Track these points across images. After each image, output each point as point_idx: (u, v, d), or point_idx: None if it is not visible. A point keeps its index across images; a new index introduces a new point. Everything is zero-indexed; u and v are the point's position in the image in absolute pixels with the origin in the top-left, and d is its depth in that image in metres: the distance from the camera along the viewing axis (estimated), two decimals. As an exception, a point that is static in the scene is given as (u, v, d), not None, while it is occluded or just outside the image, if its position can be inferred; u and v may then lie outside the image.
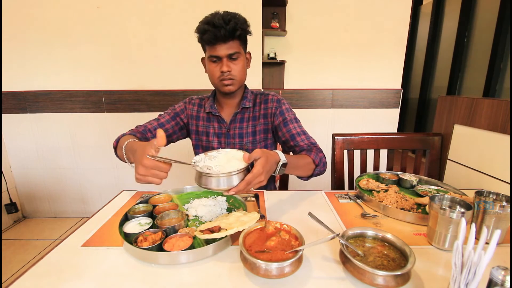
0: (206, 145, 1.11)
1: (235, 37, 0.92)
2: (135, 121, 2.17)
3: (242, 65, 0.98)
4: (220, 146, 1.09)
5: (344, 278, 0.55)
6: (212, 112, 1.07)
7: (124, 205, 0.90)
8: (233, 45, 0.93)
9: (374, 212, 0.84)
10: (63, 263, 0.61)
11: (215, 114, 1.07)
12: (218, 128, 1.09)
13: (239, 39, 0.94)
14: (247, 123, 1.08)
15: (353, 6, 2.23)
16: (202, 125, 1.11)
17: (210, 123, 1.10)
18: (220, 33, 0.88)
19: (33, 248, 1.92)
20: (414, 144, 1.28)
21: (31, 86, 2.07)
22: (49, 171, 2.24)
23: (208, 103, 1.09)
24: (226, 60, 0.94)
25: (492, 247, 0.38)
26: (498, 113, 1.03)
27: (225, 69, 0.94)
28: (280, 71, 2.47)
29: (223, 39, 0.90)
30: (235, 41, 0.93)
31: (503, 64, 2.75)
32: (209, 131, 1.10)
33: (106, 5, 1.96)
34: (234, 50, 0.93)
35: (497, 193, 0.73)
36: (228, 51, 0.93)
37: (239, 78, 0.99)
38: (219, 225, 0.65)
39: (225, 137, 1.09)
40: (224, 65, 0.94)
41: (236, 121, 1.08)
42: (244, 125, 1.08)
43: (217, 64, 0.96)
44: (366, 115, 2.36)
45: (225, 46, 0.92)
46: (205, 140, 1.11)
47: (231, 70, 0.96)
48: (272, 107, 1.07)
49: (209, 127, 1.10)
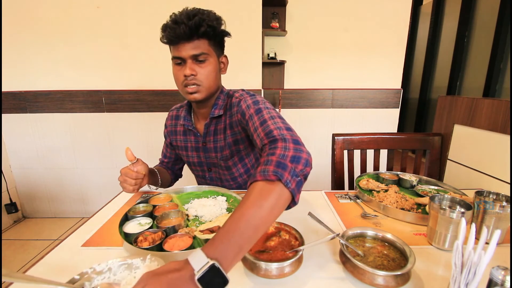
0: (187, 160, 1.04)
1: (201, 35, 0.79)
2: (135, 121, 2.19)
3: (210, 69, 0.83)
4: (200, 161, 1.01)
5: (344, 278, 0.55)
6: (185, 125, 0.97)
7: (124, 205, 0.90)
8: (199, 45, 0.79)
9: (374, 212, 0.84)
10: (63, 263, 0.61)
11: (188, 128, 0.97)
12: (195, 142, 0.99)
13: (208, 38, 0.81)
14: (221, 135, 0.94)
15: (353, 6, 2.23)
16: (179, 140, 1.02)
17: (187, 137, 1.01)
18: (180, 30, 0.76)
19: (33, 248, 1.92)
20: (414, 144, 1.28)
21: (31, 86, 2.07)
22: (49, 171, 2.24)
23: (183, 114, 0.98)
24: (191, 62, 0.81)
25: (492, 247, 0.38)
26: (498, 113, 1.03)
27: (187, 72, 0.80)
28: (280, 71, 2.47)
29: (185, 37, 0.77)
30: (202, 40, 0.80)
31: (503, 64, 2.75)
32: (187, 145, 1.01)
33: (106, 5, 1.96)
34: (200, 50, 0.80)
35: (497, 193, 0.73)
36: (192, 51, 0.79)
37: (207, 85, 0.84)
38: (219, 225, 0.65)
39: (202, 151, 0.99)
40: (187, 67, 0.80)
41: (210, 133, 0.95)
42: (218, 137, 0.94)
43: (181, 67, 0.82)
44: (366, 115, 2.36)
45: (189, 45, 0.79)
46: (185, 155, 1.04)
47: (196, 74, 0.81)
48: (236, 114, 0.88)
49: (186, 141, 1.01)
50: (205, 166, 1.03)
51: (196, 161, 1.02)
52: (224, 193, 0.90)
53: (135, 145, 2.22)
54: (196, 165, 1.04)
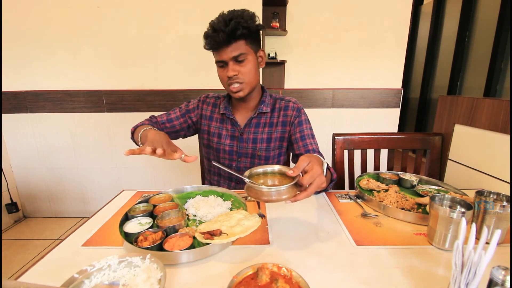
0: (217, 146, 1.08)
1: (238, 38, 0.87)
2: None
3: (250, 66, 0.92)
4: (232, 149, 1.07)
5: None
6: (226, 114, 1.04)
7: (124, 204, 0.90)
8: (237, 47, 0.88)
9: (374, 212, 0.84)
10: (64, 262, 0.61)
11: (228, 117, 1.04)
12: (232, 131, 1.06)
13: (244, 38, 0.89)
14: (263, 128, 1.04)
15: (354, 6, 2.23)
16: (214, 126, 1.08)
17: (223, 125, 1.07)
18: (219, 37, 0.84)
19: (33, 247, 1.93)
20: (415, 144, 1.28)
21: (31, 86, 2.08)
22: (50, 171, 2.25)
23: (223, 104, 1.06)
24: (232, 64, 0.90)
25: (493, 247, 0.38)
26: (499, 113, 1.03)
27: (230, 73, 0.90)
28: (281, 71, 2.47)
29: (225, 42, 0.86)
30: (239, 42, 0.88)
31: (503, 64, 2.75)
32: (221, 132, 1.07)
33: (106, 5, 1.96)
34: (238, 51, 0.88)
35: (497, 193, 0.73)
36: (232, 53, 0.88)
37: (248, 81, 0.94)
38: (220, 229, 0.64)
39: (238, 141, 1.06)
40: (229, 69, 0.90)
41: (251, 125, 1.04)
42: (260, 130, 1.04)
43: (224, 69, 0.92)
44: (366, 115, 2.36)
45: (228, 49, 0.87)
46: (216, 141, 1.08)
47: (238, 73, 0.91)
48: (292, 116, 1.03)
49: (222, 128, 1.07)
50: (235, 155, 1.07)
51: (228, 149, 1.07)
52: (224, 193, 0.90)
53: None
54: (226, 153, 1.08)
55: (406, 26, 2.27)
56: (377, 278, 0.56)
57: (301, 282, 0.48)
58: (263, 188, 0.60)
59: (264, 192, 0.60)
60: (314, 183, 0.61)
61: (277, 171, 0.69)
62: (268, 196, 0.60)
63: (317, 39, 2.32)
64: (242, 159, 1.08)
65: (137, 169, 2.28)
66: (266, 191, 0.60)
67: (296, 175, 0.62)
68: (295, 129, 1.03)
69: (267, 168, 0.70)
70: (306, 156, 0.65)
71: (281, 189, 0.60)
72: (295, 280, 0.49)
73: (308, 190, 0.61)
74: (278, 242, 0.68)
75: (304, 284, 0.47)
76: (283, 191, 0.60)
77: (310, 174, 0.61)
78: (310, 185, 0.61)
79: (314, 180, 0.61)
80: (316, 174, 0.61)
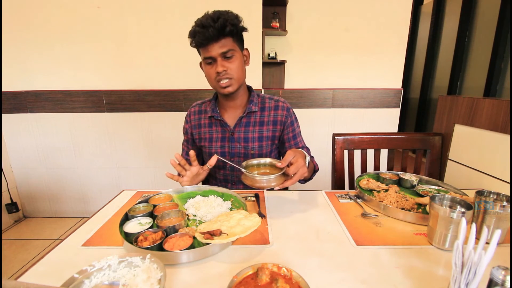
0: (209, 150, 1.08)
1: (226, 34, 0.89)
2: (135, 121, 2.19)
3: (238, 63, 0.94)
4: (223, 151, 1.07)
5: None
6: (214, 116, 1.05)
7: (124, 204, 0.90)
8: (225, 43, 0.90)
9: (374, 212, 0.84)
10: (64, 262, 0.61)
11: (217, 119, 1.05)
12: (222, 132, 1.07)
13: (232, 36, 0.91)
14: (253, 127, 1.05)
15: (354, 6, 2.23)
16: (204, 132, 1.09)
17: (212, 128, 1.08)
18: (209, 32, 0.86)
19: (33, 247, 1.93)
20: (415, 144, 1.28)
21: (31, 86, 2.07)
22: (50, 171, 2.25)
23: (210, 107, 1.06)
24: (221, 60, 0.91)
25: (493, 247, 0.38)
26: (499, 113, 1.03)
27: (220, 69, 0.91)
28: (281, 71, 2.47)
29: (214, 38, 0.88)
30: (227, 39, 0.90)
31: (503, 64, 2.75)
32: (212, 136, 1.08)
33: (106, 5, 1.96)
34: (227, 48, 0.90)
35: (497, 193, 0.73)
36: (221, 49, 0.90)
37: (237, 77, 0.96)
38: (220, 229, 0.64)
39: (229, 141, 1.06)
40: (218, 65, 0.91)
41: (241, 124, 1.05)
42: (250, 129, 1.05)
43: (213, 66, 0.93)
44: (366, 115, 2.36)
45: (217, 45, 0.89)
46: (208, 146, 1.08)
47: (227, 69, 0.92)
48: (282, 115, 1.06)
49: (211, 132, 1.08)
50: (228, 156, 1.08)
51: (220, 151, 1.08)
52: (224, 193, 0.90)
53: (135, 145, 2.22)
54: (218, 155, 1.08)
55: (406, 26, 2.27)
56: (377, 278, 0.56)
57: (301, 282, 0.48)
58: (256, 177, 0.75)
59: (257, 180, 0.75)
60: (298, 173, 0.75)
61: (268, 163, 0.85)
62: (260, 183, 0.74)
63: (317, 39, 2.32)
64: (235, 159, 1.08)
65: (137, 169, 2.28)
66: (258, 179, 0.74)
67: (283, 166, 0.74)
68: (287, 129, 1.07)
69: (260, 160, 0.85)
70: (292, 150, 0.77)
71: (271, 177, 0.74)
72: (295, 280, 0.48)
73: (293, 179, 0.74)
74: (278, 242, 0.68)
75: (304, 284, 0.47)
76: (272, 179, 0.74)
77: (295, 166, 0.74)
78: (295, 175, 0.74)
79: (298, 170, 0.74)
80: (299, 165, 0.74)
